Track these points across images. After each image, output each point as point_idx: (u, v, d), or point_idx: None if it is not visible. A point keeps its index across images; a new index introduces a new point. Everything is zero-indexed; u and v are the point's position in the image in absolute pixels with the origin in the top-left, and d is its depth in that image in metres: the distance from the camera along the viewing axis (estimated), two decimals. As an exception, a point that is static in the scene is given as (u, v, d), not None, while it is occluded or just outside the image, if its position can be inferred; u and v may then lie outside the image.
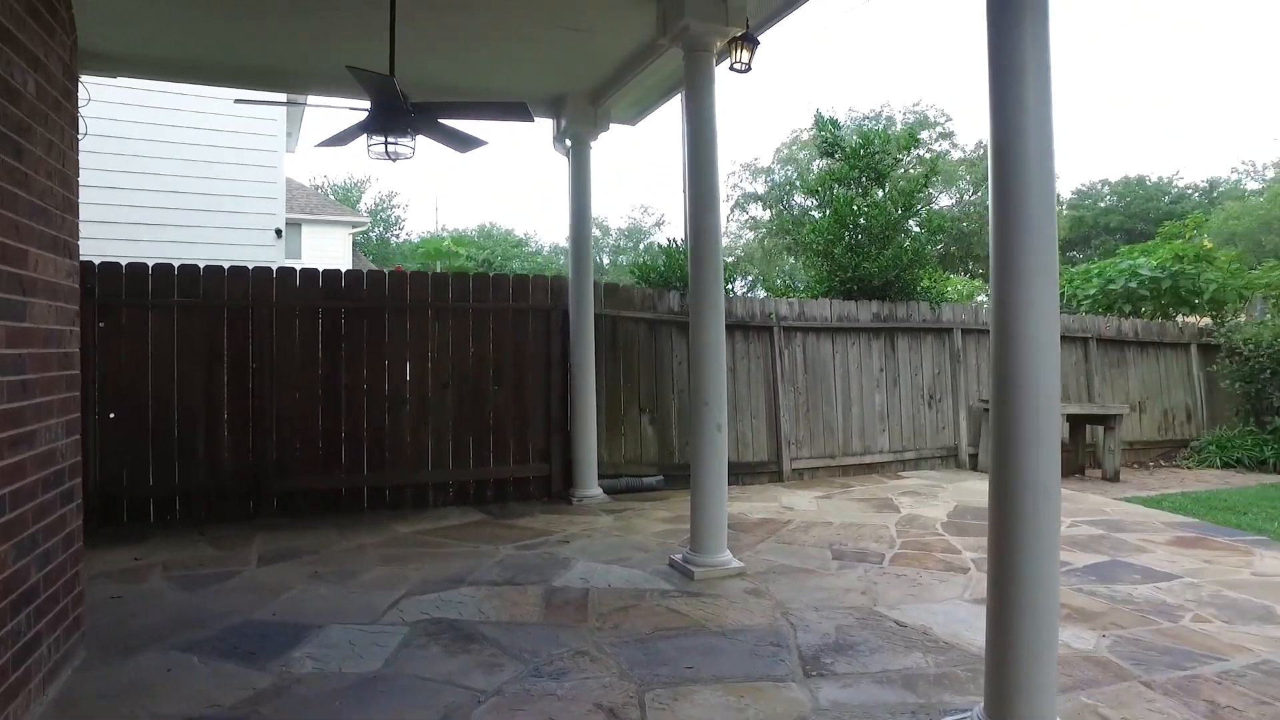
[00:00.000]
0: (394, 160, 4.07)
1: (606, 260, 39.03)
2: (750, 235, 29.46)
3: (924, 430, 8.25)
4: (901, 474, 7.91)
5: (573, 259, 6.42)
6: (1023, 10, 2.48)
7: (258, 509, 5.63)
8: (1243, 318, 9.93)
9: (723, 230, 4.88)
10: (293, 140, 10.91)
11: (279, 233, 9.22)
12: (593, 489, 6.32)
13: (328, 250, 15.45)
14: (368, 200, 41.88)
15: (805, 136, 27.36)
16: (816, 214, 9.24)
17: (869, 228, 7.89)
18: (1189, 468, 9.02)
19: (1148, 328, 9.87)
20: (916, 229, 8.17)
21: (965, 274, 22.80)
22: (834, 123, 8.37)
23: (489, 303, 6.29)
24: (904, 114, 26.29)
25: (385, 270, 5.97)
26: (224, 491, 5.57)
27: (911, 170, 9.50)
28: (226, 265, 5.70)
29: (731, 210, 29.25)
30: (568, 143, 6.35)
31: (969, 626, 3.61)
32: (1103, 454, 8.21)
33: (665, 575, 4.40)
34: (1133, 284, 10.18)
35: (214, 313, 5.58)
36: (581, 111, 6.09)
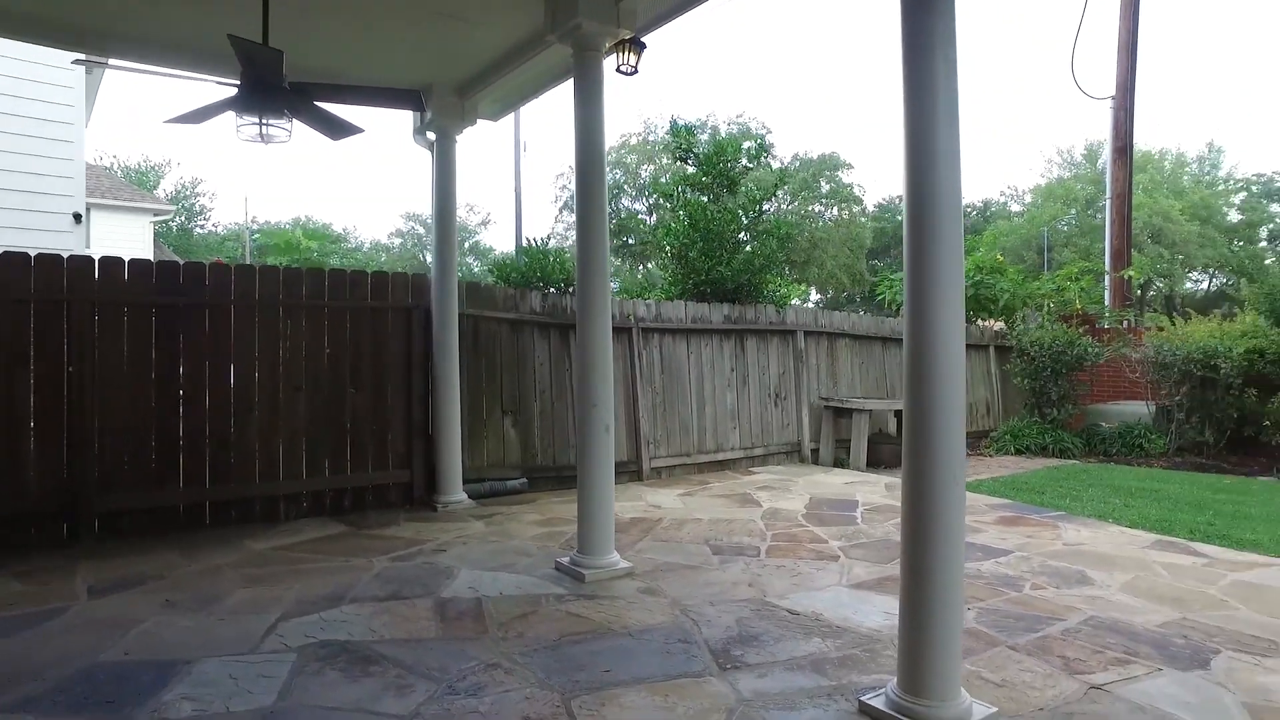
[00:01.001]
0: (267, 143, 3.71)
1: (429, 258, 37.77)
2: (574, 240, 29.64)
3: (771, 427, 8.69)
4: (752, 470, 8.29)
5: (436, 257, 6.16)
6: (934, 48, 2.69)
7: (75, 534, 4.91)
8: (1032, 324, 11.29)
9: (550, 231, 4.88)
10: (88, 111, 9.62)
11: (78, 217, 8.07)
12: (458, 494, 6.10)
13: (124, 239, 13.71)
14: (166, 186, 37.84)
15: (634, 141, 27.99)
16: (670, 217, 9.45)
17: (721, 233, 8.21)
18: (991, 455, 10.13)
19: (955, 331, 10.99)
20: (765, 234, 8.60)
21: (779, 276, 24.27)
22: (689, 130, 8.64)
23: (346, 300, 5.89)
24: (728, 124, 27.54)
25: (230, 263, 5.42)
26: (30, 516, 4.81)
27: (763, 177, 10.06)
28: (33, 253, 4.94)
29: (560, 211, 29.30)
30: (431, 136, 6.08)
31: (855, 610, 3.86)
32: (924, 445, 9.02)
33: (555, 579, 4.34)
34: (943, 291, 11.29)
35: (15, 309, 4.80)
36: (449, 104, 5.85)
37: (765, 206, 8.63)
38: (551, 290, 7.12)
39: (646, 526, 5.61)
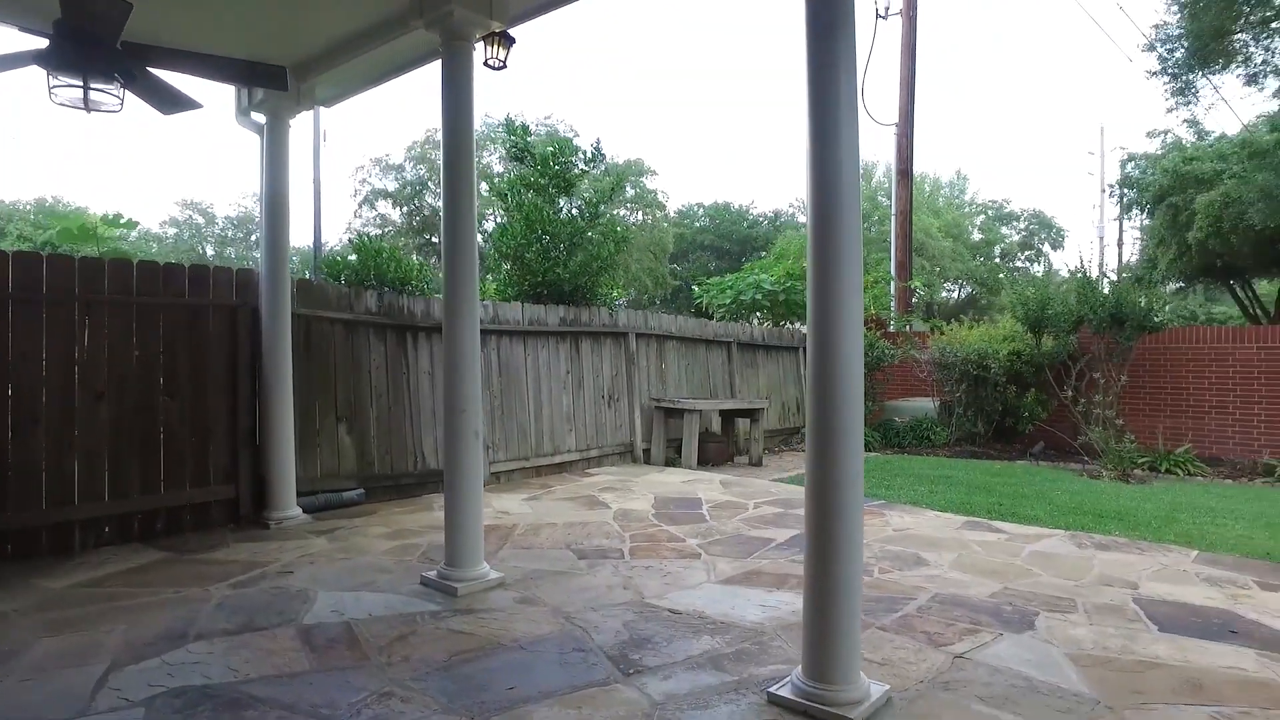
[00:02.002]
0: (90, 111, 3.16)
1: (211, 251, 34.19)
2: (378, 233, 28.25)
3: (605, 428, 8.78)
4: (589, 471, 8.33)
5: (267, 252, 5.59)
6: (837, 66, 2.86)
7: None
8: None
9: (348, 227, 4.68)
10: None
11: None
12: (291, 510, 5.60)
13: None
14: None
15: (440, 137, 27.12)
16: (506, 218, 9.25)
17: (558, 234, 8.18)
18: (802, 450, 10.91)
19: (771, 333, 11.73)
20: (603, 237, 8.67)
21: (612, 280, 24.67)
22: (525, 129, 8.50)
23: (159, 296, 5.18)
24: (536, 125, 27.41)
25: (7, 251, 4.59)
26: None
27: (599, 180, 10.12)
28: None
29: (360, 206, 27.73)
30: (261, 118, 5.51)
31: (732, 606, 4.00)
32: (750, 443, 9.55)
33: (425, 595, 4.11)
34: (758, 296, 12.01)
35: None
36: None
37: (601, 209, 8.69)
38: (387, 289, 6.72)
39: (503, 534, 5.46)
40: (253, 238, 33.49)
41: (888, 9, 14.84)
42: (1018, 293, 11.98)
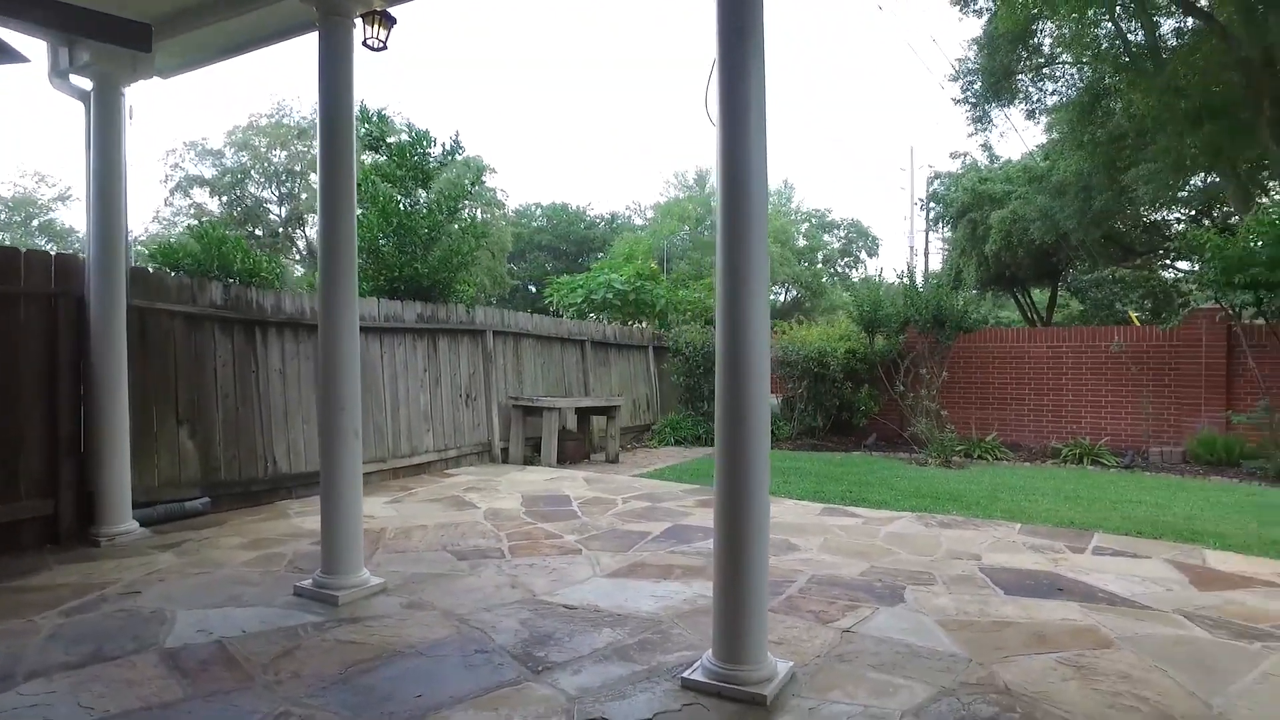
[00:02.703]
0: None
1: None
2: (194, 224, 25.85)
3: (463, 428, 8.56)
4: (448, 471, 8.09)
5: (97, 236, 4.96)
6: (748, 74, 2.97)
7: None
8: (683, 327, 12.65)
9: (155, 215, 4.40)
10: None
11: None
12: (126, 523, 5.02)
13: None
14: None
15: (264, 122, 25.14)
16: (361, 210, 8.75)
17: (415, 228, 7.87)
18: (655, 446, 11.15)
19: (622, 332, 11.89)
20: (462, 232, 8.42)
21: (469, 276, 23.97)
22: (381, 117, 8.07)
23: (-46, 283, 4.48)
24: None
25: None
26: None
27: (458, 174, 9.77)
28: None
29: (171, 194, 25.22)
30: (85, 83, 4.88)
31: (625, 599, 4.04)
32: (607, 440, 9.64)
33: (302, 606, 3.84)
34: (609, 295, 12.14)
35: None
36: (118, 48, 4.76)
37: (461, 203, 8.45)
38: (234, 281, 6.19)
39: (373, 538, 5.20)
40: (34, 223, 29.49)
41: (729, 22, 15.46)
42: (854, 295, 12.91)
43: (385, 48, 4.22)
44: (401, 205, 7.65)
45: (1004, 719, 2.69)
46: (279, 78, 52.77)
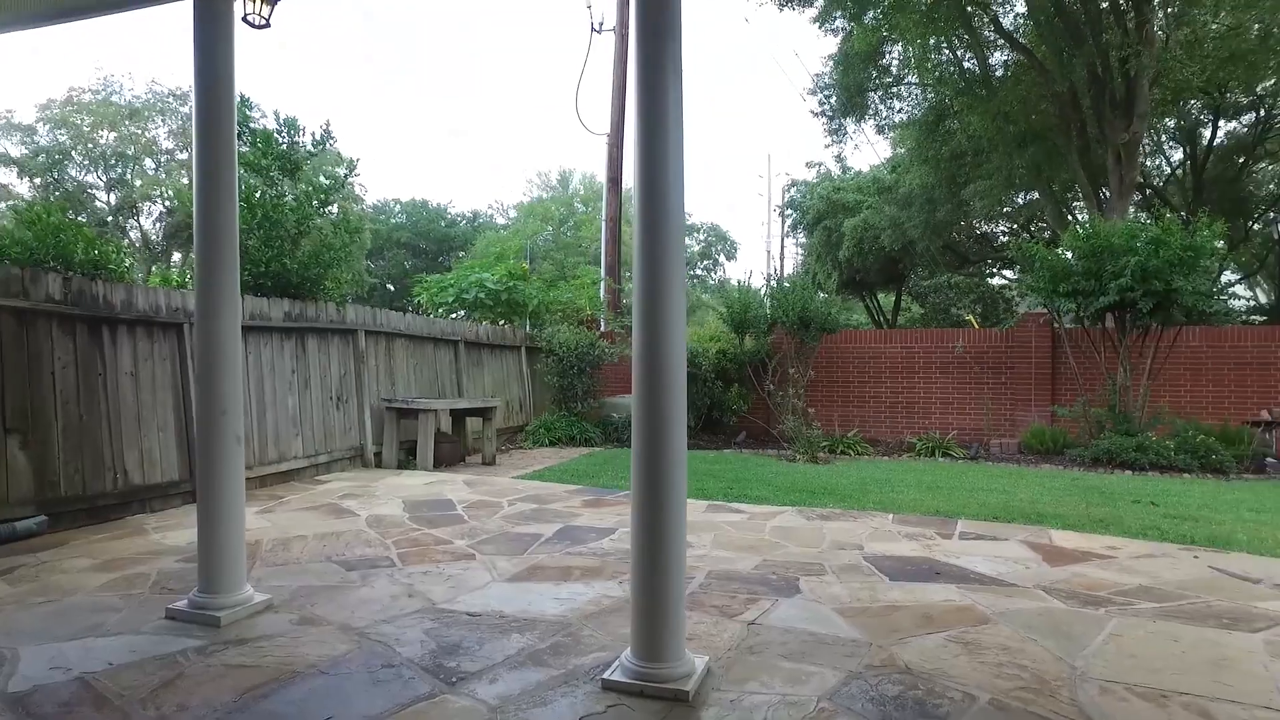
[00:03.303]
0: None
1: None
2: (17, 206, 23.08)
3: (334, 432, 8.14)
4: (319, 478, 7.67)
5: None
6: (666, 82, 3.01)
7: None
8: (555, 327, 12.58)
9: None
10: None
11: None
12: (-53, 549, 4.42)
13: None
14: None
15: (88, 99, 22.74)
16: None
17: (283, 221, 7.39)
18: (529, 447, 11.04)
19: (495, 332, 11.69)
20: (335, 227, 7.97)
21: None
22: (245, 102, 7.47)
23: None
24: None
25: None
26: None
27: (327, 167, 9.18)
28: None
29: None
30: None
31: (529, 603, 3.99)
32: (483, 442, 9.45)
33: (179, 630, 3.52)
34: (481, 295, 11.90)
35: None
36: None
37: (333, 196, 8.00)
38: (75, 273, 5.58)
39: (249, 551, 4.81)
40: None
41: (601, 24, 15.58)
42: (725, 297, 13.31)
43: (268, 25, 3.95)
44: (267, 196, 7.16)
45: (910, 696, 2.87)
46: (106, 50, 48.01)
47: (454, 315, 12.25)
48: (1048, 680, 3.02)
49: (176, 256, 32.78)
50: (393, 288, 34.66)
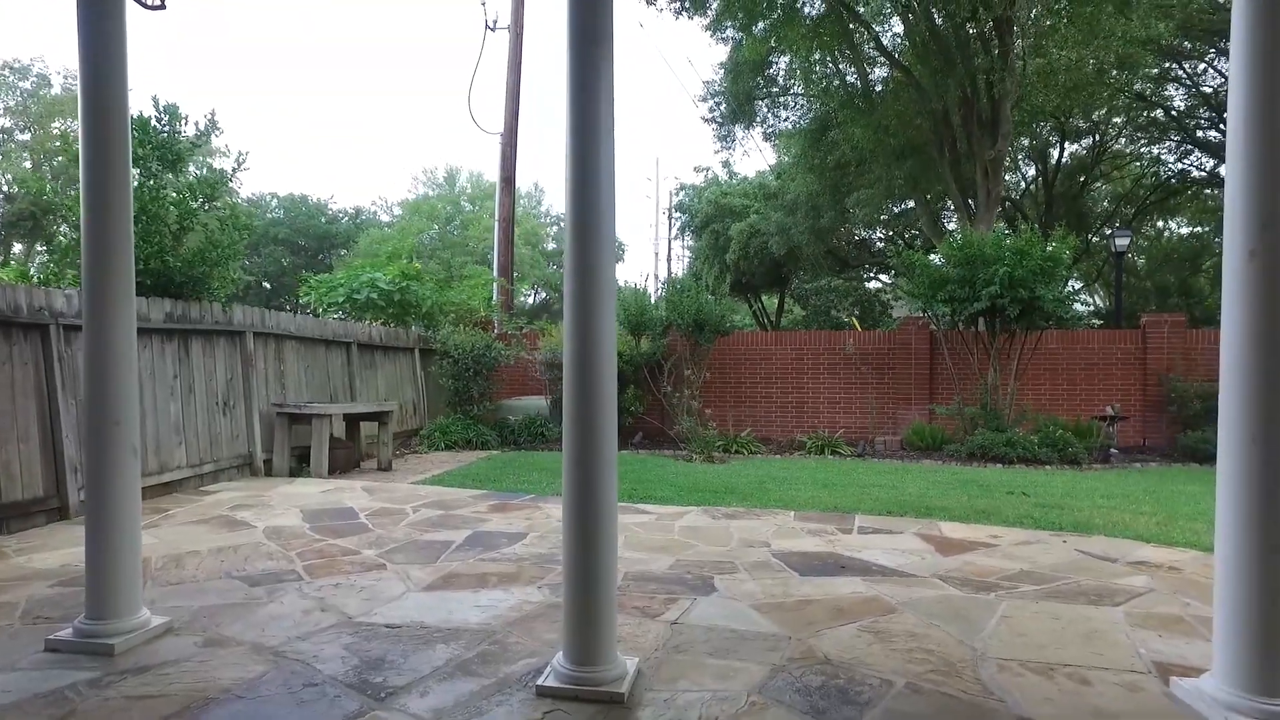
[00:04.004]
0: None
1: None
2: None
3: (220, 439, 7.69)
4: (205, 489, 7.23)
5: None
6: (599, 91, 3.04)
7: None
8: (449, 328, 12.31)
9: None
10: None
11: None
12: None
13: None
14: None
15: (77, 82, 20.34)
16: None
17: (162, 215, 6.90)
18: (425, 452, 10.78)
19: (388, 334, 11.35)
20: (222, 224, 7.49)
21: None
22: (118, 84, 6.87)
23: None
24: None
25: None
26: None
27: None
28: None
29: None
30: None
31: (449, 612, 3.93)
32: (378, 447, 9.16)
33: (64, 663, 3.25)
34: (373, 295, 11.51)
35: None
36: None
37: (219, 190, 7.52)
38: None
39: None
40: None
41: (495, 22, 15.38)
42: (621, 299, 13.40)
43: (164, 7, 3.71)
44: (145, 189, 6.67)
45: (833, 685, 3.03)
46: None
47: (337, 315, 11.80)
48: (953, 662, 3.26)
49: (18, 248, 29.93)
50: (269, 286, 32.91)
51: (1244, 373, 2.81)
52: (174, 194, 7.15)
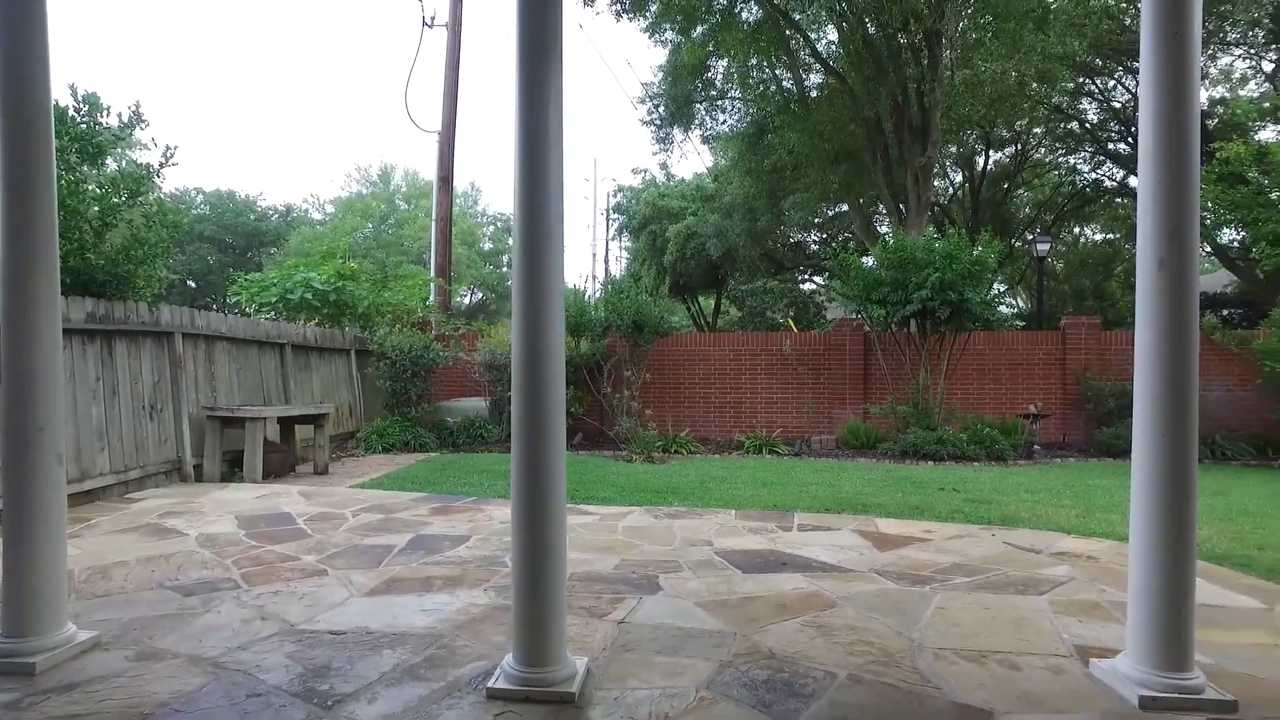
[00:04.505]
0: None
1: None
2: None
3: (147, 445, 7.40)
4: (131, 497, 6.95)
5: None
6: (547, 99, 3.06)
7: None
8: (385, 329, 12.09)
9: None
10: None
11: None
12: None
13: None
14: None
15: None
16: None
17: (83, 211, 6.60)
18: (362, 455, 10.57)
19: (324, 335, 11.09)
20: (148, 219, 7.19)
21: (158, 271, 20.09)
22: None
23: None
24: None
25: None
26: None
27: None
28: None
29: None
30: None
31: (394, 616, 3.89)
32: (314, 450, 8.95)
33: (-14, 680, 3.11)
34: (308, 295, 11.22)
35: None
36: None
37: (145, 185, 7.21)
38: None
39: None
40: None
41: (433, 19, 15.17)
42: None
43: None
44: (63, 182, 6.37)
45: (778, 679, 3.12)
46: None
47: (270, 316, 11.49)
48: (892, 653, 3.39)
49: None
50: (195, 285, 31.68)
51: (1156, 373, 2.99)
52: (95, 189, 6.85)
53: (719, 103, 19.80)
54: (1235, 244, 17.86)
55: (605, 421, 11.93)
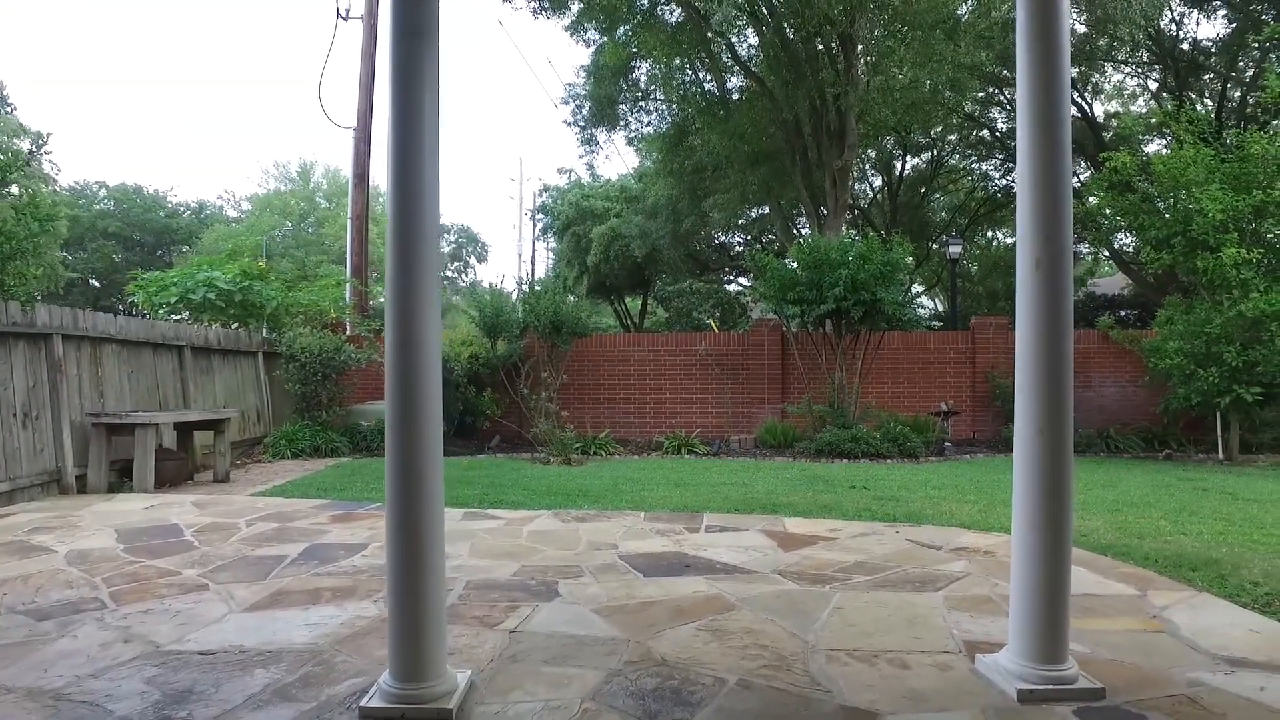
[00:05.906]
0: None
1: None
2: None
3: (19, 455, 6.90)
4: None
5: None
6: (422, 89, 2.92)
7: None
8: (296, 331, 11.63)
9: None
10: None
11: None
12: None
13: None
14: None
15: None
16: None
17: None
18: (270, 461, 10.14)
19: (228, 336, 10.60)
20: (15, 213, 6.69)
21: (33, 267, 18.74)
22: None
23: None
24: None
25: None
26: None
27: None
28: None
29: None
30: None
31: (273, 632, 3.68)
32: (216, 457, 8.52)
33: None
34: (211, 295, 10.70)
35: None
36: None
37: (11, 176, 6.72)
38: None
39: (-104, 610, 3.97)
40: None
41: (348, 11, 14.72)
42: (478, 300, 13.16)
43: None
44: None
45: (667, 687, 3.05)
46: None
47: (177, 317, 10.94)
48: (785, 656, 3.36)
49: None
50: (98, 284, 29.94)
51: (1033, 369, 3.05)
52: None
53: (643, 104, 19.81)
54: (1128, 248, 18.80)
55: (523, 424, 11.74)
